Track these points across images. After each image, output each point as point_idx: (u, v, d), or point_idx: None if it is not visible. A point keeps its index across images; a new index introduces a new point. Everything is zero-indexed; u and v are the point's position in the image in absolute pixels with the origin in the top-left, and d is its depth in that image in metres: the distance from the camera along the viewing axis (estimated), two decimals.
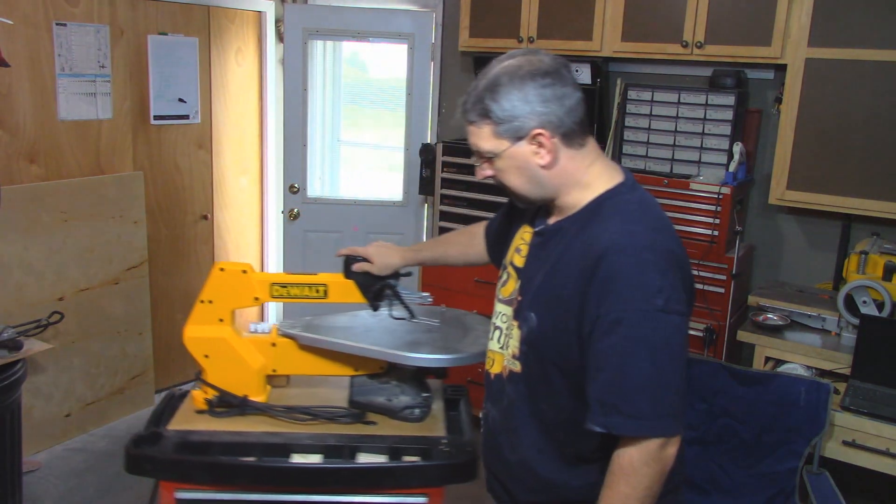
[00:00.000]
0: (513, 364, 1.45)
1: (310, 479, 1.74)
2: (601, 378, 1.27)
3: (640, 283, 1.25)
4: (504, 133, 1.34)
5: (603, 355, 1.27)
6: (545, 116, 1.32)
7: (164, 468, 1.73)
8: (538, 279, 1.40)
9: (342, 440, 1.80)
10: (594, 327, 1.27)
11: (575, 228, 1.38)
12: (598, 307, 1.27)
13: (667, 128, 3.29)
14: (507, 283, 1.53)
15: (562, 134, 1.34)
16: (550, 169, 1.36)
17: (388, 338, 1.91)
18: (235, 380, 1.93)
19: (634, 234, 1.29)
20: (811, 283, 3.24)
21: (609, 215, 1.34)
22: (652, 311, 1.24)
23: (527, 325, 1.40)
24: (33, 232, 3.36)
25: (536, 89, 1.32)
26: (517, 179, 1.39)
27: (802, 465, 2.34)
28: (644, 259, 1.26)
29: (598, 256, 1.28)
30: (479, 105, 1.35)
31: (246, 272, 1.91)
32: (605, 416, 1.27)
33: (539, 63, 1.33)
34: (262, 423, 1.88)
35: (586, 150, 1.39)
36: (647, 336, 1.25)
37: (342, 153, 4.71)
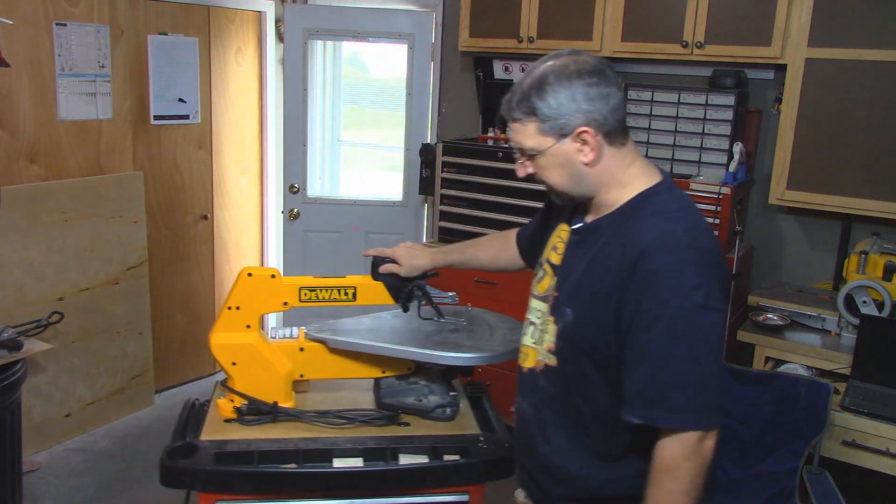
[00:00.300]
0: (548, 358, 1.48)
1: (355, 483, 1.75)
2: (641, 372, 1.30)
3: (680, 281, 1.28)
4: (549, 130, 1.37)
5: (643, 350, 1.30)
6: (591, 115, 1.35)
7: (203, 480, 1.69)
8: (575, 276, 1.44)
9: (382, 442, 1.81)
10: (633, 323, 1.30)
11: (613, 227, 1.41)
12: (637, 303, 1.29)
13: (667, 128, 3.29)
14: (542, 279, 1.55)
15: (605, 132, 1.37)
16: (593, 167, 1.39)
17: (418, 338, 1.92)
18: (264, 386, 1.91)
19: (674, 232, 1.32)
20: (811, 283, 3.24)
21: (648, 214, 1.37)
22: (691, 307, 1.27)
23: (563, 321, 1.43)
24: (33, 232, 3.36)
25: (583, 88, 1.34)
26: (559, 177, 1.42)
27: (802, 465, 2.34)
28: (684, 257, 1.29)
29: (637, 254, 1.30)
30: (526, 102, 1.38)
31: (275, 277, 1.90)
32: (645, 409, 1.29)
33: (584, 63, 1.37)
34: (295, 429, 1.86)
35: (626, 150, 1.42)
36: (686, 332, 1.27)
37: (342, 153, 4.71)
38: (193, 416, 1.93)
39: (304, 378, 2.01)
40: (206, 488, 1.70)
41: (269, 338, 1.99)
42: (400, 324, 2.03)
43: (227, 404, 1.92)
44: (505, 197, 3.51)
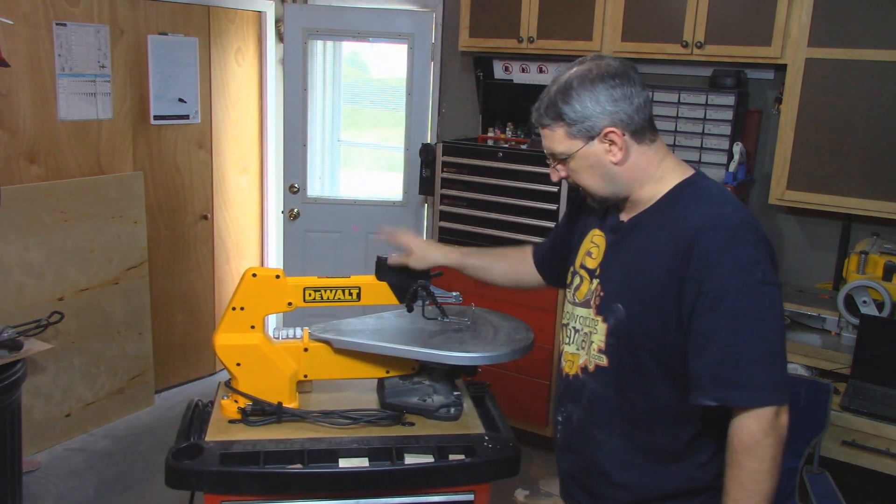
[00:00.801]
0: (598, 359, 1.48)
1: (361, 483, 1.75)
2: (710, 353, 1.30)
3: (738, 258, 1.30)
4: (577, 133, 1.42)
5: (709, 331, 1.30)
6: (616, 115, 1.40)
7: (210, 481, 1.69)
8: (620, 271, 1.45)
9: (387, 442, 1.81)
10: (695, 305, 1.31)
11: (655, 218, 1.43)
12: (698, 285, 1.31)
13: (667, 128, 3.29)
14: (580, 286, 1.57)
15: (632, 131, 1.42)
16: (622, 165, 1.43)
17: (422, 338, 1.92)
18: (268, 387, 1.91)
19: (723, 213, 1.35)
20: (811, 283, 3.24)
21: (692, 200, 1.41)
22: (753, 283, 1.29)
23: (614, 317, 1.44)
24: (33, 232, 3.36)
25: (606, 90, 1.40)
26: (591, 178, 1.46)
27: (802, 465, 2.34)
28: (738, 235, 1.32)
29: (691, 237, 1.33)
30: (553, 109, 1.43)
31: (279, 277, 1.90)
32: (719, 390, 1.29)
33: (607, 67, 1.42)
34: (300, 429, 1.87)
35: (656, 146, 1.47)
36: (751, 308, 1.29)
37: (342, 153, 4.71)
38: (197, 417, 1.93)
39: (309, 378, 2.01)
40: (213, 489, 1.70)
41: (273, 338, 1.99)
42: (404, 324, 2.04)
43: (231, 405, 1.92)
44: (505, 197, 3.51)
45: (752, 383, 1.29)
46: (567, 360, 1.59)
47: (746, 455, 1.30)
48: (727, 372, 1.29)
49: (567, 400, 1.58)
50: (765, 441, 1.29)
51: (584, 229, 1.62)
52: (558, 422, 1.62)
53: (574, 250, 1.64)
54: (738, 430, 1.31)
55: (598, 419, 1.50)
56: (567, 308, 1.61)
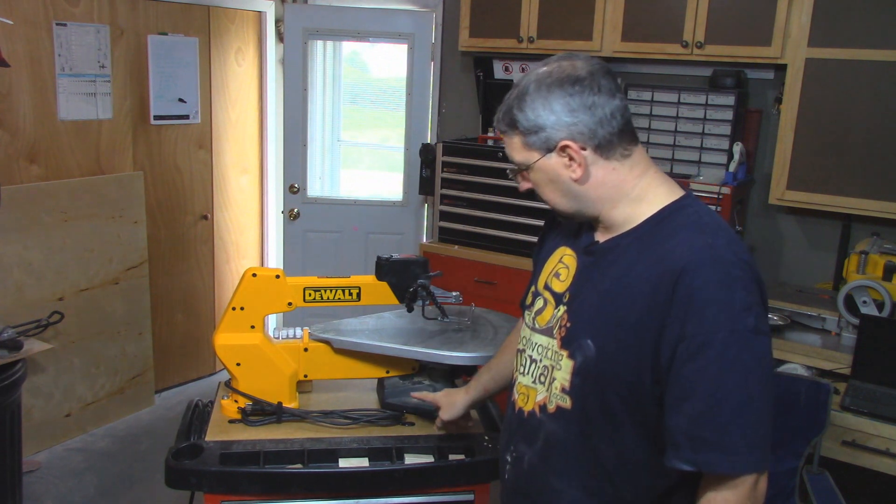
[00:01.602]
0: (561, 399, 1.30)
1: (361, 483, 1.76)
2: (688, 408, 1.14)
3: (729, 302, 1.13)
4: (533, 144, 1.26)
5: (690, 382, 1.14)
6: (574, 127, 1.23)
7: (210, 481, 1.69)
8: (592, 302, 1.28)
9: (387, 442, 1.81)
10: (676, 351, 1.15)
11: (637, 244, 1.26)
12: (681, 328, 1.15)
13: (667, 128, 3.29)
14: (543, 311, 1.38)
15: (595, 145, 1.24)
16: (584, 183, 1.26)
17: (423, 338, 1.93)
18: (268, 387, 1.92)
19: (716, 247, 1.18)
20: (811, 283, 3.24)
21: (679, 228, 1.23)
22: (743, 331, 1.13)
23: (582, 354, 1.26)
24: (33, 232, 3.36)
25: (562, 98, 1.23)
26: (552, 193, 1.30)
27: (802, 465, 2.34)
28: (731, 273, 1.15)
29: (677, 273, 1.16)
30: (508, 115, 1.28)
31: (279, 277, 1.90)
32: (696, 453, 1.14)
33: (570, 69, 1.24)
34: (300, 429, 1.87)
35: (633, 161, 1.28)
36: (739, 360, 1.13)
37: (342, 153, 4.71)
38: (197, 417, 1.93)
39: (309, 378, 2.02)
40: (213, 489, 1.71)
41: (273, 338, 1.99)
42: (403, 323, 2.04)
43: (231, 405, 1.92)
44: (505, 197, 3.51)
45: (732, 448, 1.13)
46: (521, 392, 1.40)
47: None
48: (706, 433, 1.13)
49: (519, 439, 1.40)
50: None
51: (553, 245, 1.44)
52: (506, 461, 1.43)
53: (537, 269, 1.46)
54: (712, 500, 1.16)
55: (555, 466, 1.32)
56: (524, 332, 1.42)
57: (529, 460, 1.37)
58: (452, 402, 1.77)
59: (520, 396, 1.41)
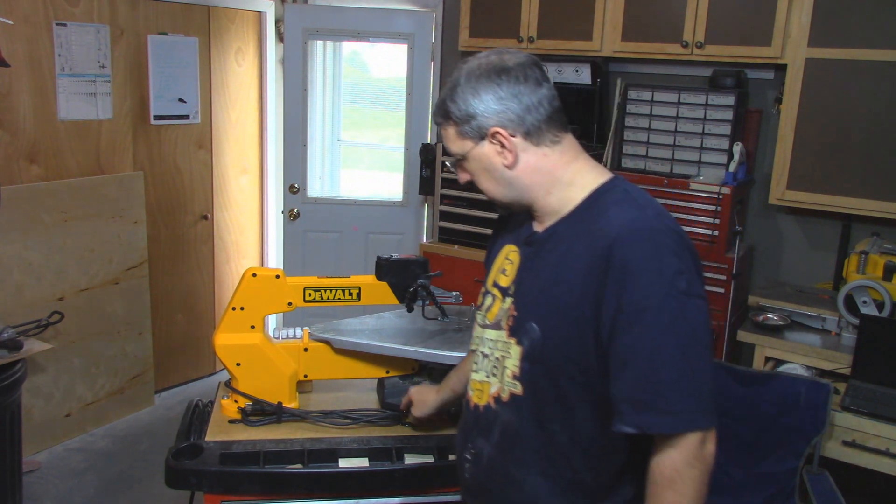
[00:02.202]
0: (513, 386, 1.33)
1: (361, 483, 1.76)
2: (629, 374, 1.18)
3: (660, 267, 1.18)
4: (466, 133, 1.32)
5: (628, 349, 1.18)
6: (503, 115, 1.29)
7: (210, 480, 1.70)
8: (536, 287, 1.32)
9: (387, 442, 1.81)
10: (615, 322, 1.19)
11: (572, 228, 1.30)
12: (617, 299, 1.18)
13: (667, 128, 3.29)
14: (491, 307, 1.42)
15: (524, 132, 1.30)
16: (515, 168, 1.32)
17: (422, 338, 1.93)
18: (268, 387, 1.92)
19: (644, 218, 1.23)
20: (811, 283, 3.24)
21: (609, 206, 1.27)
22: (676, 295, 1.17)
23: (528, 339, 1.30)
24: (33, 232, 3.36)
25: (490, 87, 1.29)
26: (488, 182, 1.36)
27: (802, 465, 2.34)
28: (659, 242, 1.20)
29: (608, 246, 1.20)
30: (442, 106, 1.34)
31: (279, 277, 1.90)
32: (638, 415, 1.18)
33: (498, 61, 1.31)
34: (300, 429, 1.87)
35: (563, 148, 1.34)
36: (674, 323, 1.17)
37: (342, 153, 4.71)
38: (197, 417, 1.93)
39: (308, 378, 2.01)
40: (213, 489, 1.71)
41: (273, 338, 1.99)
42: (403, 323, 2.04)
43: (231, 405, 1.92)
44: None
45: (673, 408, 1.16)
46: (475, 389, 1.43)
47: (667, 488, 1.18)
48: (647, 395, 1.16)
49: (477, 435, 1.41)
50: (688, 473, 1.17)
51: (500, 245, 1.48)
52: (466, 460, 1.44)
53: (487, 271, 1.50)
54: (659, 461, 1.19)
55: (513, 455, 1.34)
56: (477, 332, 1.46)
57: (488, 454, 1.39)
58: (424, 400, 1.81)
59: (475, 393, 1.44)
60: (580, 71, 3.44)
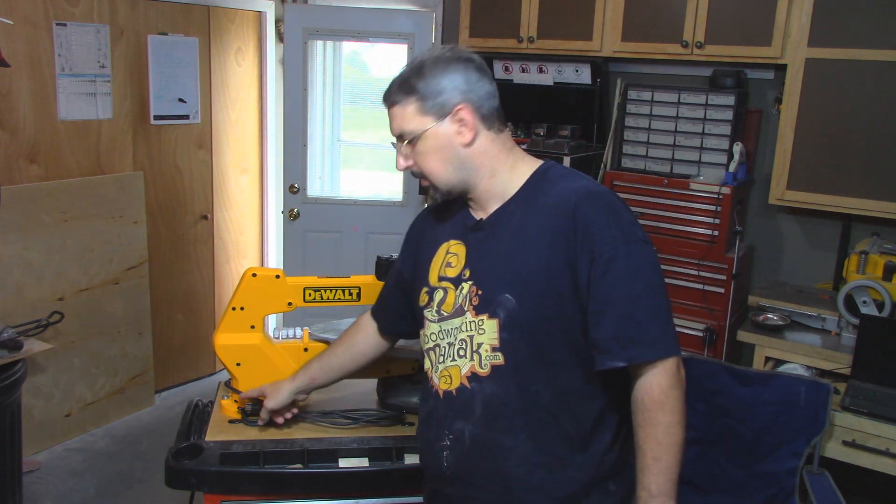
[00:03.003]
0: (493, 358, 1.39)
1: (361, 483, 1.75)
2: (610, 316, 1.32)
3: (619, 220, 1.34)
4: (429, 110, 1.40)
5: (605, 295, 1.32)
6: (469, 94, 1.40)
7: (210, 481, 1.69)
8: (499, 263, 1.41)
9: (387, 442, 1.81)
10: (591, 273, 1.33)
11: (524, 204, 1.42)
12: (590, 253, 1.33)
13: (667, 128, 3.29)
14: (445, 299, 1.47)
15: (482, 115, 1.42)
16: (471, 147, 1.42)
17: None
18: None
19: (592, 184, 1.41)
20: (811, 283, 3.24)
21: (557, 179, 1.43)
22: (636, 241, 1.34)
23: (503, 309, 1.38)
24: (33, 232, 3.36)
25: (461, 70, 1.41)
26: (438, 162, 1.43)
27: (802, 465, 2.34)
28: (611, 200, 1.38)
29: (571, 209, 1.35)
30: (406, 85, 1.42)
31: (279, 277, 1.90)
32: (625, 349, 1.30)
33: (462, 52, 1.44)
34: (300, 429, 1.87)
35: (504, 138, 1.47)
36: (640, 266, 1.33)
37: (342, 153, 4.71)
38: (197, 417, 1.93)
39: None
40: (213, 489, 1.70)
41: (273, 338, 1.99)
42: None
43: (231, 405, 1.92)
44: None
45: (655, 339, 1.31)
46: (443, 376, 1.46)
47: (659, 410, 1.31)
48: (630, 331, 1.31)
49: (453, 419, 1.45)
50: (672, 393, 1.31)
51: (433, 247, 1.54)
52: (444, 447, 1.46)
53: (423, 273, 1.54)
54: (648, 388, 1.32)
55: (501, 426, 1.40)
56: (431, 329, 1.49)
57: (471, 433, 1.43)
58: (278, 389, 1.81)
59: (441, 380, 1.47)
60: (580, 71, 3.44)
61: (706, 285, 3.11)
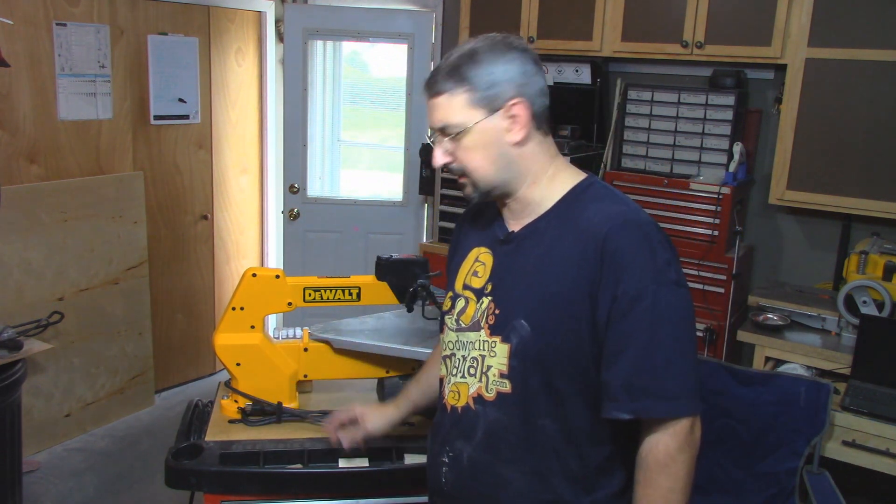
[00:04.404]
0: (500, 385, 1.31)
1: (361, 483, 1.76)
2: (624, 361, 1.20)
3: (652, 257, 1.21)
4: (481, 101, 1.26)
5: (624, 336, 1.20)
6: (525, 88, 1.27)
7: (210, 480, 1.70)
8: (519, 284, 1.31)
9: (387, 442, 1.81)
10: (612, 310, 1.21)
11: (555, 223, 1.30)
12: (614, 288, 1.20)
13: (667, 128, 3.29)
14: (465, 310, 1.39)
15: (534, 113, 1.29)
16: (521, 147, 1.30)
17: (422, 338, 1.93)
18: (268, 387, 1.92)
19: (630, 212, 1.26)
20: (811, 283, 3.24)
21: (591, 201, 1.29)
22: (668, 283, 1.20)
23: (516, 335, 1.28)
24: (33, 232, 3.36)
25: (517, 60, 1.27)
26: (483, 160, 1.29)
27: (802, 465, 2.34)
28: (648, 233, 1.23)
29: (601, 238, 1.22)
30: (456, 72, 1.27)
31: (279, 277, 1.90)
32: (634, 401, 1.19)
33: (518, 42, 1.30)
34: (300, 429, 1.88)
35: (549, 143, 1.35)
36: (667, 310, 1.20)
37: (342, 153, 4.71)
38: (197, 417, 1.93)
39: (308, 378, 2.02)
40: (213, 489, 1.71)
41: (273, 338, 1.99)
42: (403, 324, 2.04)
43: (231, 405, 1.92)
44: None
45: (668, 393, 1.19)
46: (452, 391, 1.39)
47: (661, 473, 1.20)
48: (643, 381, 1.19)
49: (455, 437, 1.38)
50: (680, 457, 1.20)
51: (464, 252, 1.45)
52: (443, 463, 1.40)
53: (452, 277, 1.47)
54: (653, 447, 1.21)
55: (501, 454, 1.32)
56: (449, 337, 1.42)
57: (469, 456, 1.36)
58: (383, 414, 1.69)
59: (450, 395, 1.40)
60: (580, 71, 3.44)
61: (706, 285, 3.11)
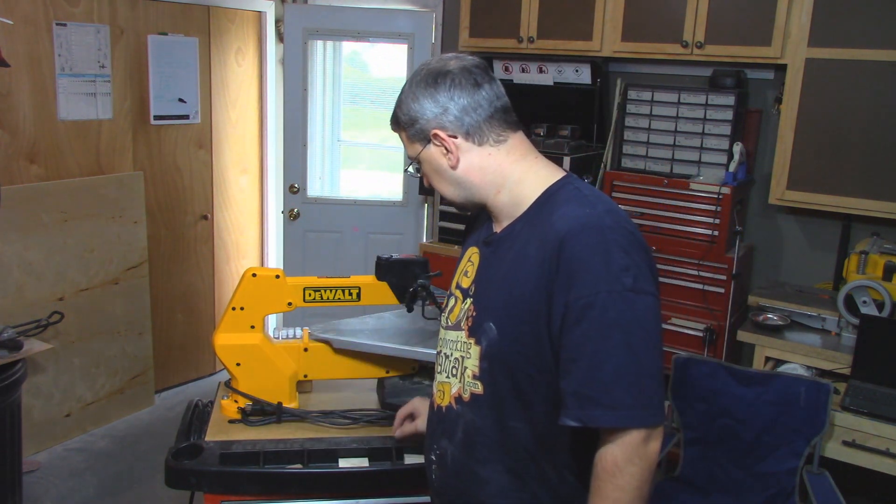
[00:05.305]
0: (473, 386, 1.33)
1: (361, 483, 1.75)
2: (575, 369, 1.19)
3: (607, 263, 1.18)
4: (415, 136, 1.36)
5: (575, 345, 1.19)
6: (442, 117, 1.32)
7: (209, 480, 1.70)
8: (492, 288, 1.33)
9: (387, 442, 1.81)
10: (564, 318, 1.20)
11: (527, 227, 1.31)
12: (566, 295, 1.19)
13: (667, 128, 3.29)
14: (453, 308, 1.43)
15: (464, 133, 1.32)
16: (459, 169, 1.34)
17: (422, 338, 1.93)
18: (268, 387, 1.92)
19: (592, 215, 1.24)
20: (811, 283, 3.24)
21: (561, 203, 1.28)
22: (621, 291, 1.17)
23: (486, 338, 1.30)
24: (33, 232, 3.36)
25: (427, 92, 1.32)
26: (439, 182, 1.39)
27: (802, 465, 2.34)
28: (607, 238, 1.20)
29: (558, 243, 1.21)
30: (394, 114, 1.39)
31: (279, 277, 1.90)
32: (581, 409, 1.18)
33: (438, 67, 1.34)
34: (300, 429, 1.87)
35: (509, 147, 1.34)
36: (619, 319, 1.17)
37: (342, 153, 4.71)
38: (197, 417, 1.93)
39: (308, 378, 2.02)
40: (213, 489, 1.70)
41: (273, 338, 1.99)
42: (403, 323, 2.04)
43: (231, 405, 1.92)
44: None
45: (615, 403, 1.16)
46: (439, 390, 1.43)
47: (608, 483, 1.18)
48: (590, 390, 1.17)
49: (441, 435, 1.41)
50: (627, 469, 1.17)
51: (463, 250, 1.50)
52: (432, 461, 1.44)
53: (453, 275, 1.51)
54: (602, 455, 1.20)
55: (478, 455, 1.34)
56: (441, 334, 1.46)
57: (452, 454, 1.39)
58: None
59: (438, 394, 1.44)
60: (580, 71, 3.44)
61: (706, 285, 3.11)
